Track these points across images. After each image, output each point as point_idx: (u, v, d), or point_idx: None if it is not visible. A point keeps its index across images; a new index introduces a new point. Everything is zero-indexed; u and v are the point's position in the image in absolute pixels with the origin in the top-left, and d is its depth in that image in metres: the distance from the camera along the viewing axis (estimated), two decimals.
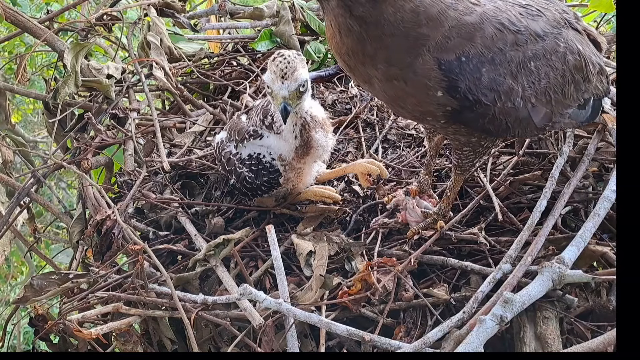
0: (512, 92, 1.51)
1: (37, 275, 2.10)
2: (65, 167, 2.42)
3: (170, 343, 1.93)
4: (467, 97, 1.48)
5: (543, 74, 1.54)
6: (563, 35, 1.59)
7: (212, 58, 3.36)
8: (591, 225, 1.68)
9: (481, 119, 1.53)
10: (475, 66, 1.46)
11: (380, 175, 2.16)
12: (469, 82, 1.46)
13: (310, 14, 3.21)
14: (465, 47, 1.45)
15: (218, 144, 2.20)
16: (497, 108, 1.51)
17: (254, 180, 2.05)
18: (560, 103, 1.62)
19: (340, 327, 1.56)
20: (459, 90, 1.46)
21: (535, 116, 1.58)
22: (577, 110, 1.70)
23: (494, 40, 1.47)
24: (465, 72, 1.45)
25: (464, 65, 1.45)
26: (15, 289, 5.82)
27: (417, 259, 1.79)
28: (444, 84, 1.46)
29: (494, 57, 1.47)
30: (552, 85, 1.57)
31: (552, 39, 1.56)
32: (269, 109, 2.02)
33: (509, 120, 1.55)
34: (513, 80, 1.50)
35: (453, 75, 1.45)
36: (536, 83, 1.54)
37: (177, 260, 2.08)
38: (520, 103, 1.53)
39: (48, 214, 4.22)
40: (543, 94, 1.56)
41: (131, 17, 3.24)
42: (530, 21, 1.53)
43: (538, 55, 1.53)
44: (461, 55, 1.45)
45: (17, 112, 6.25)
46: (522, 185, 2.06)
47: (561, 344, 1.56)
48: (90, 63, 2.75)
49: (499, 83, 1.49)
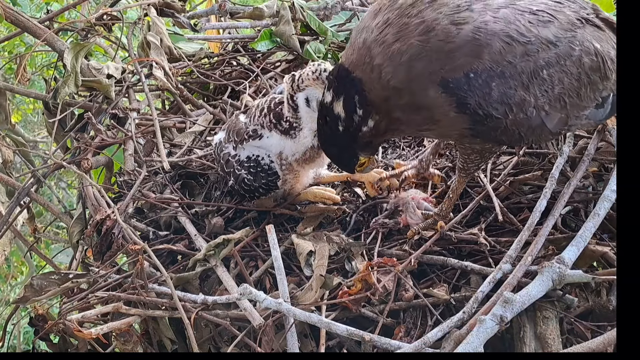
0: (524, 103, 1.49)
1: (37, 275, 2.10)
2: (65, 167, 2.42)
3: (170, 343, 1.93)
4: (477, 112, 1.47)
5: (557, 81, 1.51)
6: (578, 38, 1.55)
7: (212, 58, 3.36)
8: (591, 225, 1.68)
9: (493, 131, 1.53)
10: (484, 81, 1.45)
11: (391, 187, 2.13)
12: (479, 98, 1.45)
13: (310, 14, 3.21)
14: (473, 64, 1.44)
15: (217, 144, 2.19)
16: (508, 120, 1.50)
17: (252, 183, 2.05)
18: (576, 106, 1.59)
19: (340, 327, 1.56)
20: (469, 106, 1.46)
21: (549, 123, 1.55)
22: (595, 110, 1.66)
23: (502, 54, 1.45)
24: (474, 87, 1.45)
25: (472, 81, 1.45)
26: (15, 289, 5.82)
27: (417, 259, 1.78)
28: (454, 102, 1.46)
29: (503, 71, 1.45)
30: (566, 90, 1.54)
31: (565, 44, 1.52)
32: (281, 113, 1.99)
33: (521, 131, 1.54)
34: (525, 91, 1.48)
35: (462, 92, 1.45)
36: (549, 91, 1.51)
37: (177, 260, 2.08)
38: (533, 112, 1.51)
39: (48, 214, 4.22)
40: (557, 100, 1.53)
41: (131, 17, 3.24)
42: (542, 28, 1.49)
43: (551, 63, 1.50)
44: (469, 72, 1.44)
45: (17, 112, 6.25)
46: (522, 185, 2.06)
47: (561, 344, 1.56)
48: (90, 63, 2.75)
49: (510, 96, 1.47)
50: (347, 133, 1.63)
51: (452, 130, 1.57)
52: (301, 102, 1.90)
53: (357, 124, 1.60)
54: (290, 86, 1.89)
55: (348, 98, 1.59)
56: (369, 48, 1.54)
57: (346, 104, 1.59)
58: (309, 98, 1.87)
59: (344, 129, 1.62)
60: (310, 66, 1.87)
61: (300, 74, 1.87)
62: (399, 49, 1.49)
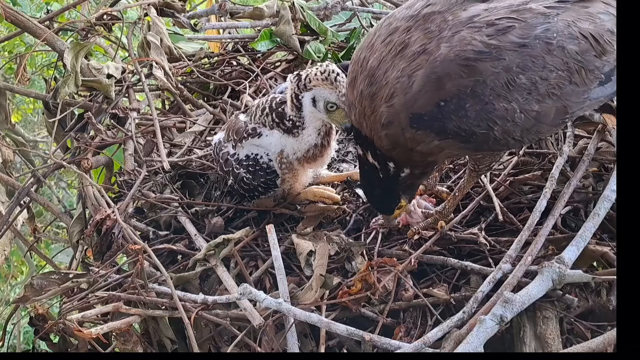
0: (507, 112, 1.48)
1: (37, 275, 2.10)
2: (65, 166, 2.42)
3: (170, 343, 1.93)
4: (459, 134, 1.49)
5: (539, 80, 1.48)
6: (553, 28, 1.49)
7: (212, 58, 3.36)
8: (591, 225, 1.68)
9: (485, 144, 1.54)
10: (456, 105, 1.46)
11: None
12: (456, 121, 1.47)
13: (310, 13, 3.21)
14: (439, 95, 1.46)
15: (216, 144, 2.20)
16: (495, 132, 1.50)
17: (251, 182, 2.06)
18: (572, 93, 1.55)
19: (340, 326, 1.56)
20: (448, 130, 1.49)
21: (544, 119, 1.53)
22: (601, 88, 1.60)
23: (464, 76, 1.45)
24: (448, 112, 1.47)
25: (444, 108, 1.47)
26: (15, 288, 5.82)
27: (417, 259, 1.79)
28: (431, 133, 1.51)
29: (474, 90, 1.45)
30: (554, 83, 1.51)
31: (537, 41, 1.48)
32: (284, 113, 1.98)
33: (515, 136, 1.54)
34: (504, 101, 1.47)
35: (437, 122, 1.48)
36: (533, 92, 1.49)
37: (177, 260, 2.08)
38: (521, 117, 1.50)
39: (48, 213, 4.22)
40: (547, 96, 1.51)
41: (131, 17, 3.24)
42: (502, 37, 1.46)
43: (526, 65, 1.47)
44: (438, 102, 1.47)
45: (17, 112, 6.25)
46: (522, 185, 2.06)
47: (561, 344, 1.56)
48: (90, 63, 2.75)
49: (489, 110, 1.47)
50: (387, 178, 1.69)
51: (449, 153, 1.64)
52: (307, 102, 1.90)
53: (395, 171, 1.67)
54: (295, 85, 1.89)
55: (373, 153, 1.66)
56: (358, 121, 1.63)
57: (375, 157, 1.66)
58: (316, 98, 1.87)
59: (384, 175, 1.69)
60: (318, 66, 1.87)
61: (307, 74, 1.87)
62: (375, 119, 1.56)
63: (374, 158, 1.66)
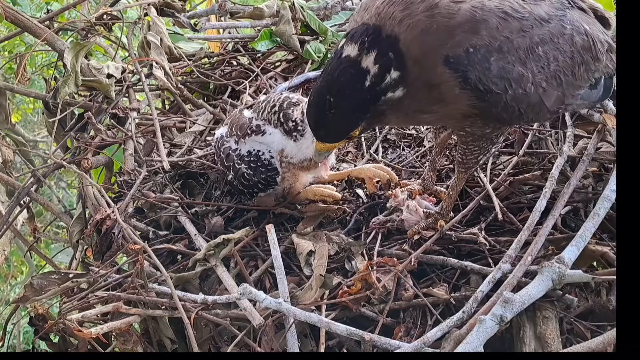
0: (523, 78, 1.51)
1: (37, 274, 2.10)
2: (65, 166, 2.42)
3: (170, 343, 1.93)
4: (478, 88, 1.48)
5: (552, 58, 1.54)
6: (568, 17, 1.57)
7: (212, 58, 3.36)
8: (591, 225, 1.68)
9: (494, 107, 1.53)
10: (483, 56, 1.46)
11: (391, 181, 2.13)
12: (479, 73, 1.47)
13: (310, 13, 3.21)
14: (471, 40, 1.46)
15: (218, 139, 2.19)
16: (508, 96, 1.51)
17: (251, 177, 2.05)
18: (571, 85, 1.61)
19: (340, 326, 1.56)
20: (470, 81, 1.47)
21: (547, 100, 1.57)
22: (589, 91, 1.70)
23: (499, 29, 1.47)
24: (474, 62, 1.46)
25: (472, 56, 1.46)
26: (15, 288, 5.82)
27: (417, 258, 1.78)
28: (459, 77, 1.47)
29: (501, 46, 1.47)
30: (561, 68, 1.56)
31: (557, 22, 1.55)
32: (290, 114, 1.99)
33: (521, 107, 1.55)
34: (522, 66, 1.50)
35: (462, 67, 1.46)
36: (545, 67, 1.53)
37: (177, 260, 2.08)
38: (531, 89, 1.53)
39: (48, 213, 4.22)
40: (553, 78, 1.56)
41: (131, 17, 3.24)
42: (534, 6, 1.52)
43: (545, 40, 1.52)
44: (468, 47, 1.46)
45: (17, 112, 6.26)
46: (522, 185, 2.06)
47: (561, 344, 1.56)
48: (90, 62, 2.75)
49: (508, 71, 1.49)
50: (371, 91, 1.49)
51: (456, 109, 1.56)
52: None
53: (386, 86, 1.49)
54: None
55: (381, 54, 1.48)
56: (381, 18, 1.50)
57: (379, 60, 1.47)
58: None
59: (371, 85, 1.48)
60: None
61: None
62: (409, 24, 1.48)
63: (376, 61, 1.47)
